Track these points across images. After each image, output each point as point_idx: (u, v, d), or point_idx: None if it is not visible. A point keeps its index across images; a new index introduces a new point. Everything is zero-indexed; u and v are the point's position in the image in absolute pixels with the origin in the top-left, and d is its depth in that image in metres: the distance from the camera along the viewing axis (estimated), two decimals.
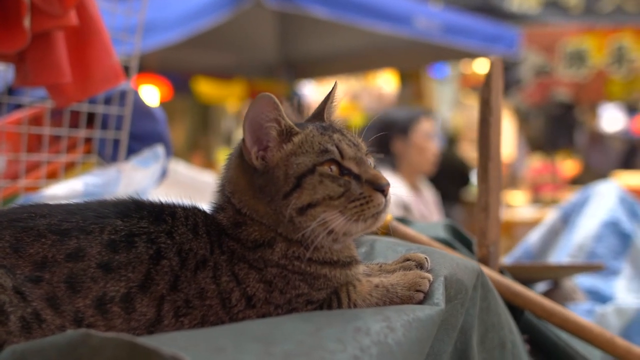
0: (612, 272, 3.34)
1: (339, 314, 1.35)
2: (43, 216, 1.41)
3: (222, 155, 9.83)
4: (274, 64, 10.90)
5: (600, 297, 3.26)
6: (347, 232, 1.44)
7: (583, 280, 3.30)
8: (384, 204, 1.45)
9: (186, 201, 1.55)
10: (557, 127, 13.10)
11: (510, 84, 13.57)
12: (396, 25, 8.20)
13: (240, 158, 1.50)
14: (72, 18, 2.29)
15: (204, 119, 16.90)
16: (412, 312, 1.37)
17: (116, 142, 2.85)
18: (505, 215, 10.22)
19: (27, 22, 2.20)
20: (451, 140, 11.37)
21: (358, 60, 11.07)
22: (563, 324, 2.16)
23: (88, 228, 1.39)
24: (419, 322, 1.36)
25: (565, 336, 2.22)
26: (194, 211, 1.50)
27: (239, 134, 10.41)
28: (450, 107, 15.02)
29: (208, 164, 12.56)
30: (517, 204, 10.35)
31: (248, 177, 1.48)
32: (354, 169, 1.46)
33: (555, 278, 3.05)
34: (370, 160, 1.51)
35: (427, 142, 5.71)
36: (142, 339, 1.10)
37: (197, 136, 16.90)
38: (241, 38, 9.59)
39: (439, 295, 1.48)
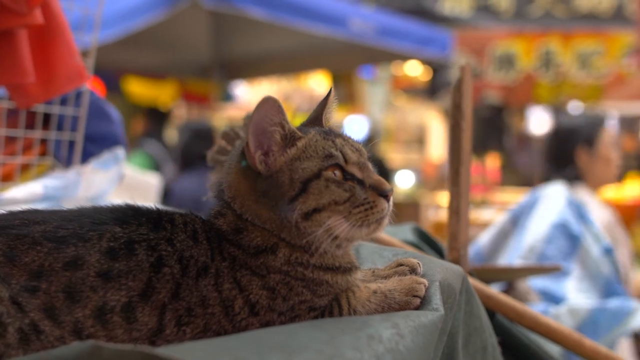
0: (563, 273, 3.41)
1: (348, 321, 1.33)
2: (37, 223, 1.36)
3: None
4: (207, 64, 10.81)
5: (552, 298, 3.32)
6: (351, 237, 1.43)
7: (535, 282, 3.36)
8: (387, 209, 1.44)
9: (139, 203, 1.52)
10: (487, 129, 13.31)
11: (441, 86, 13.74)
12: (331, 26, 8.22)
13: (241, 162, 1.47)
14: (37, 16, 2.23)
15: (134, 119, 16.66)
16: (417, 318, 1.37)
17: (71, 144, 2.78)
18: (437, 216, 10.36)
19: None
20: (370, 139, 11.42)
21: (291, 61, 11.07)
22: (533, 325, 2.19)
23: (86, 235, 1.34)
24: (424, 328, 1.36)
25: (535, 338, 2.25)
26: (192, 217, 1.47)
27: (170, 135, 10.29)
28: (381, 108, 15.13)
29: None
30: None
31: (250, 182, 1.45)
32: (357, 174, 1.45)
33: (511, 279, 3.09)
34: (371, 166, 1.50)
35: (612, 151, 4.86)
36: (159, 350, 1.07)
37: (126, 136, 16.58)
38: (174, 37, 9.51)
39: (437, 300, 1.48)
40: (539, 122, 16.07)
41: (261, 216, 1.43)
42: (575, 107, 15.60)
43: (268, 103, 1.41)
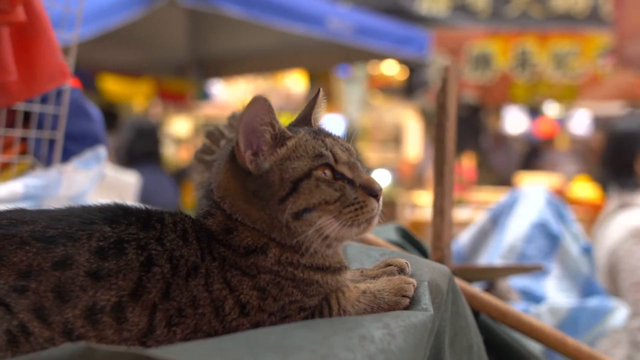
0: (543, 273, 3.42)
1: (340, 321, 1.33)
2: (25, 223, 1.34)
3: None
4: (184, 62, 10.78)
5: (533, 297, 3.34)
6: (341, 237, 1.43)
7: (516, 281, 3.37)
8: (377, 209, 1.44)
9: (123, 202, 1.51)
10: (463, 128, 13.35)
11: (417, 85, 13.77)
12: (309, 25, 8.22)
13: (230, 162, 1.46)
14: (20, 14, 2.21)
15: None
16: (408, 318, 1.37)
17: (52, 143, 2.76)
18: (414, 215, 10.39)
19: None
20: (348, 138, 11.42)
21: (268, 60, 11.06)
22: (517, 325, 2.20)
23: (75, 235, 1.33)
24: (414, 328, 1.36)
25: (517, 336, 2.26)
26: (181, 217, 1.46)
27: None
28: (358, 107, 15.14)
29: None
30: (424, 204, 10.50)
31: (240, 181, 1.44)
32: (347, 173, 1.45)
33: (492, 279, 3.10)
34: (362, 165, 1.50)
35: None
36: (153, 351, 1.06)
37: None
38: (151, 35, 9.46)
39: (427, 300, 1.49)
40: (514, 121, 16.21)
41: (251, 216, 1.42)
42: (551, 107, 15.74)
43: (258, 102, 1.40)
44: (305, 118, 1.61)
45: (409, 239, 2.51)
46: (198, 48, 10.33)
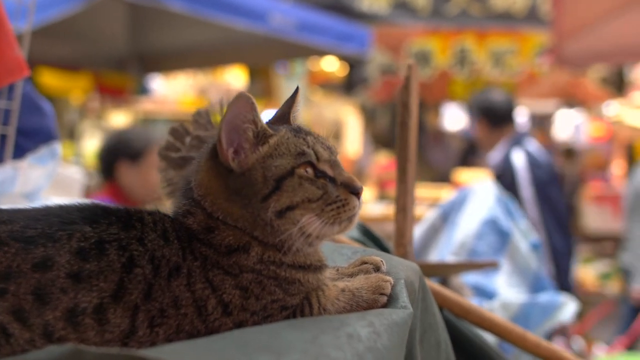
0: (493, 269, 3.47)
1: (325, 320, 1.33)
2: (3, 222, 1.30)
3: (66, 149, 9.50)
4: (124, 56, 10.60)
5: (484, 293, 3.39)
6: (323, 235, 1.43)
7: (468, 277, 3.42)
8: (358, 206, 1.45)
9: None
10: None
11: (357, 82, 13.83)
12: (252, 21, 8.18)
13: (212, 160, 1.45)
14: None
15: None
16: (390, 316, 1.38)
17: (3, 138, 2.70)
18: None
19: None
20: None
21: (208, 55, 10.97)
22: (478, 321, 2.23)
23: (55, 235, 1.30)
24: (397, 326, 1.37)
25: (479, 333, 2.29)
26: (160, 216, 1.44)
27: (82, 128, 10.10)
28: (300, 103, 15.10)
29: None
30: (365, 200, 10.53)
31: (222, 180, 1.43)
32: (329, 171, 1.45)
33: (445, 275, 3.14)
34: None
35: None
36: (146, 352, 1.05)
37: None
38: (90, 29, 9.30)
39: (404, 298, 1.50)
40: (453, 118, 16.34)
41: (233, 214, 1.41)
42: None
43: (242, 100, 1.40)
44: (284, 116, 1.61)
45: (369, 236, 2.52)
46: (138, 42, 10.19)
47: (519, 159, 5.91)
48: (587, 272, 8.66)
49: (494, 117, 6.14)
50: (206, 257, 1.38)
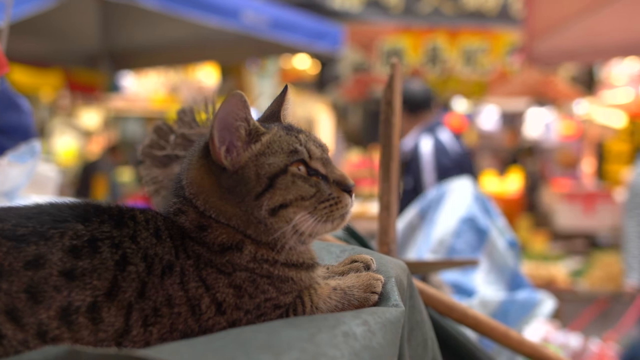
0: (471, 266, 3.49)
1: (320, 318, 1.33)
2: None
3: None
4: (95, 53, 10.51)
5: (463, 290, 3.40)
6: (315, 233, 1.42)
7: (446, 275, 3.43)
8: (351, 204, 1.45)
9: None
10: (375, 122, 13.48)
11: (329, 80, 13.84)
12: (224, 18, 8.15)
13: (204, 158, 1.44)
14: None
15: None
16: (383, 314, 1.38)
17: None
18: None
19: None
20: None
21: (180, 53, 10.90)
22: (462, 319, 2.24)
23: (47, 233, 1.28)
24: (390, 324, 1.37)
25: (462, 330, 2.30)
26: (153, 214, 1.42)
27: (52, 125, 10.03)
28: (270, 101, 15.06)
29: None
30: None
31: (214, 178, 1.42)
32: (321, 169, 1.44)
33: (425, 273, 3.15)
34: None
35: None
36: (146, 352, 1.04)
37: None
38: (61, 25, 9.22)
39: (396, 296, 1.50)
40: None
41: (226, 213, 1.40)
42: (460, 103, 16.02)
43: (235, 98, 1.39)
44: (273, 114, 1.60)
45: (351, 233, 2.52)
46: (109, 39, 10.10)
47: (426, 145, 6.03)
48: (558, 269, 8.71)
49: (410, 105, 6.25)
50: (199, 255, 1.37)
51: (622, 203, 8.05)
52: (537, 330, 3.65)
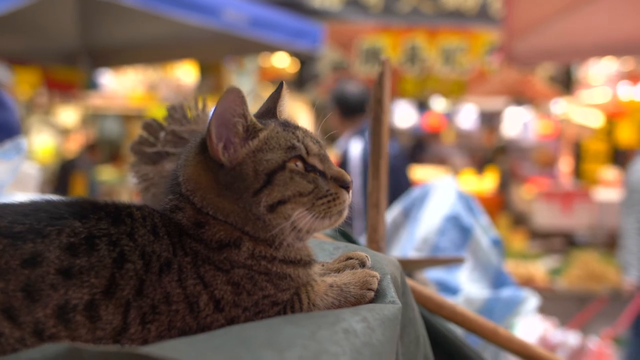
0: (456, 264, 3.50)
1: (320, 315, 1.33)
2: None
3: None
4: (73, 51, 10.42)
5: (448, 288, 3.41)
6: (313, 229, 1.42)
7: (431, 273, 3.43)
8: (348, 200, 1.45)
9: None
10: None
11: (308, 78, 13.83)
12: (205, 16, 8.13)
13: (201, 154, 1.43)
14: None
15: None
16: (381, 311, 1.38)
17: None
18: None
19: None
20: None
21: (159, 51, 10.86)
22: (451, 316, 2.25)
23: (44, 230, 1.27)
24: (389, 321, 1.37)
25: (451, 328, 2.30)
26: (149, 211, 1.41)
27: (30, 123, 9.95)
28: (249, 99, 15.06)
29: None
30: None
31: (212, 174, 1.41)
32: (319, 165, 1.45)
33: (410, 271, 3.15)
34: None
35: None
36: (149, 349, 1.03)
37: None
38: (38, 22, 9.14)
39: (392, 293, 1.50)
40: (403, 115, 16.47)
41: (224, 209, 1.39)
42: (438, 102, 16.08)
43: (232, 94, 1.39)
44: (269, 111, 1.60)
45: (338, 231, 2.52)
46: (88, 36, 10.01)
47: (356, 149, 6.07)
48: (537, 267, 8.76)
49: (345, 108, 6.29)
50: (197, 252, 1.36)
51: (620, 201, 8.11)
52: (534, 329, 3.68)
